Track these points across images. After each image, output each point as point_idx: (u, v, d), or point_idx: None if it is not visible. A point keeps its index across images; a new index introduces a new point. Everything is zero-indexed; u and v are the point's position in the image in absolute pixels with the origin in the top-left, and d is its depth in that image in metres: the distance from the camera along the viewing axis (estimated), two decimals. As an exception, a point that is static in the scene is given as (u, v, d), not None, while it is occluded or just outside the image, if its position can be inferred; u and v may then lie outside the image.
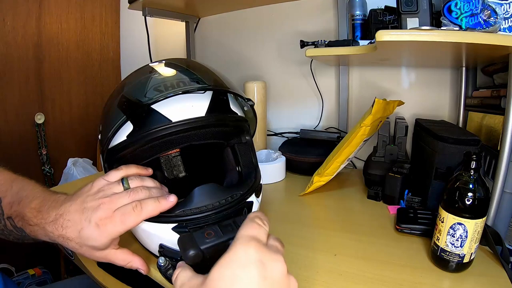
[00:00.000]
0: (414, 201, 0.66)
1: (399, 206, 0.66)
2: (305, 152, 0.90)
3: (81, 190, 0.41)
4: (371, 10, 0.80)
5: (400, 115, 0.89)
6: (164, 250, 0.42)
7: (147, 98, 0.41)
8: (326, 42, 0.77)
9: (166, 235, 0.41)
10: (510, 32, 0.54)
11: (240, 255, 0.28)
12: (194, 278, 0.31)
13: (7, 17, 1.06)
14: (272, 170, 0.85)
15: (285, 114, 1.15)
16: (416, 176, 0.71)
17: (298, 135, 1.02)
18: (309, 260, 0.49)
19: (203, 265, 0.35)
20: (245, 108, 0.56)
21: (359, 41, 0.76)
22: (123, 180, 0.42)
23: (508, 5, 0.53)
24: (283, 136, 1.12)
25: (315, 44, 0.79)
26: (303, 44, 0.81)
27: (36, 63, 1.17)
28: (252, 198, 0.47)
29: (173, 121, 0.43)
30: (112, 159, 0.45)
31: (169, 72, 0.47)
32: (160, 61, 0.50)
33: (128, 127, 0.43)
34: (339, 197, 0.76)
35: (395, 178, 0.68)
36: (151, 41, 1.09)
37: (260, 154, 0.94)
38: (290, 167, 0.91)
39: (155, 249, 0.43)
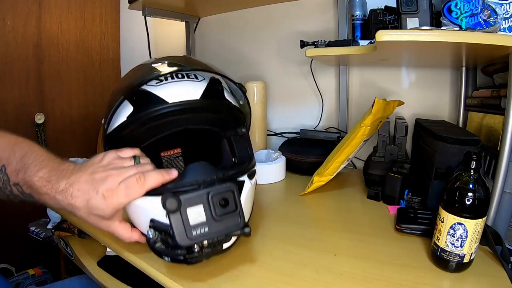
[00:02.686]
0: (414, 201, 0.66)
1: (399, 206, 0.66)
2: (305, 152, 0.90)
3: (91, 160, 0.43)
4: (371, 10, 0.80)
5: (400, 115, 0.89)
6: (154, 224, 0.43)
7: (141, 78, 0.45)
8: (326, 42, 0.77)
9: (157, 209, 0.41)
10: (510, 32, 0.54)
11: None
12: None
13: (7, 17, 1.06)
14: (272, 170, 0.85)
15: (285, 114, 1.15)
16: (416, 176, 0.71)
17: (298, 135, 1.02)
18: (309, 260, 0.49)
19: (181, 216, 0.40)
20: (241, 102, 0.58)
21: (359, 41, 0.76)
22: (135, 157, 0.45)
23: (508, 5, 0.53)
24: (283, 136, 1.12)
25: (315, 44, 0.79)
26: (303, 44, 0.81)
27: (36, 63, 1.17)
28: (244, 178, 0.49)
29: (170, 102, 0.46)
30: (113, 140, 0.47)
31: (167, 61, 0.51)
32: (162, 58, 0.53)
33: (128, 109, 0.46)
34: (339, 197, 0.76)
35: (395, 178, 0.68)
36: (151, 41, 1.09)
37: (260, 154, 0.94)
38: (290, 167, 0.91)
39: (146, 224, 0.44)
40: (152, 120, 0.46)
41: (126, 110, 0.46)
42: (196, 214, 0.41)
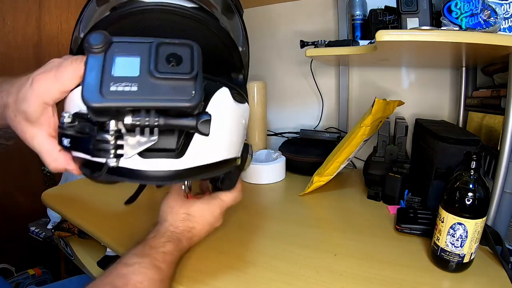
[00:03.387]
0: (414, 201, 0.66)
1: (399, 206, 0.66)
2: (305, 152, 0.90)
3: None
4: (371, 10, 0.80)
5: (400, 115, 0.89)
6: (78, 112, 0.30)
7: None
8: (326, 42, 0.77)
9: None
10: (510, 32, 0.54)
11: (214, 208, 0.49)
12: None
13: (7, 17, 1.06)
14: (272, 170, 0.85)
15: (285, 114, 1.15)
16: (416, 176, 0.71)
17: (298, 135, 1.02)
18: (309, 260, 0.49)
19: (103, 59, 0.27)
20: (240, 48, 0.45)
21: (359, 41, 0.76)
22: None
23: (508, 5, 0.53)
24: (283, 136, 1.12)
25: (315, 44, 0.79)
26: (303, 44, 0.81)
27: (36, 63, 1.16)
28: (224, 88, 0.35)
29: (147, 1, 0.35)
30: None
31: None
32: None
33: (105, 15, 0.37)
34: (339, 197, 0.76)
35: (395, 178, 0.68)
36: (151, 41, 1.08)
37: (260, 154, 0.94)
38: (290, 167, 0.91)
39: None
40: (126, 17, 0.35)
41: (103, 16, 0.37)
42: (127, 65, 0.27)
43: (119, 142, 0.27)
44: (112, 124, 0.27)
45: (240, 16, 0.43)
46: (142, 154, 0.29)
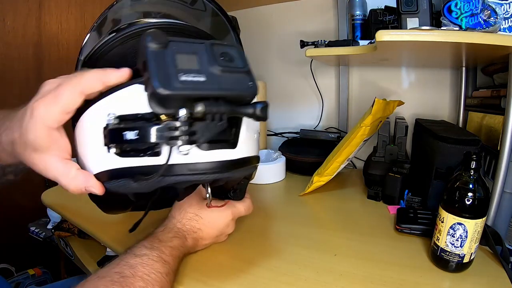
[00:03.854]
0: (414, 201, 0.66)
1: (399, 206, 0.66)
2: (305, 152, 0.90)
3: None
4: (371, 10, 0.80)
5: (400, 115, 0.89)
6: (121, 115, 0.30)
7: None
8: (326, 42, 0.77)
9: (123, 103, 0.30)
10: (510, 32, 0.54)
11: (226, 214, 0.49)
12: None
13: (7, 17, 1.06)
14: (272, 170, 0.85)
15: (285, 114, 1.15)
16: (416, 176, 0.71)
17: (298, 135, 1.02)
18: (309, 260, 0.49)
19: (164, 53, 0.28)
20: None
21: (359, 41, 0.76)
22: None
23: (508, 5, 0.53)
24: (283, 136, 1.12)
25: (315, 44, 0.79)
26: (303, 44, 0.81)
27: (36, 63, 1.17)
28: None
29: (153, 21, 0.38)
30: (89, 64, 0.40)
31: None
32: None
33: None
34: (339, 197, 0.76)
35: (395, 178, 0.68)
36: (151, 41, 1.08)
37: (260, 154, 0.93)
38: (290, 167, 0.91)
39: (100, 151, 0.32)
40: (127, 39, 0.37)
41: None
42: (188, 60, 0.29)
43: (192, 128, 0.28)
44: (183, 112, 0.28)
45: (238, 35, 0.46)
46: (201, 146, 0.31)
